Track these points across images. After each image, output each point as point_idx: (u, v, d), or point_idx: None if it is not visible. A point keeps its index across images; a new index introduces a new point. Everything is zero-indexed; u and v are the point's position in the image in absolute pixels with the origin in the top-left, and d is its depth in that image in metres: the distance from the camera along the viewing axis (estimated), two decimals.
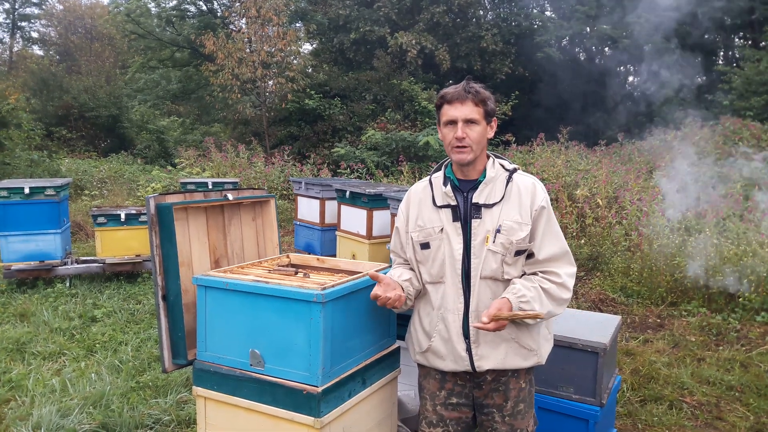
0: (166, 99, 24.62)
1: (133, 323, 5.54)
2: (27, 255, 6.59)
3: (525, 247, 2.16)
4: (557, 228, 2.22)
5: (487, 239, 2.15)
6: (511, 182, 2.22)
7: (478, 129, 2.16)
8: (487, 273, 2.16)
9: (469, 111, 2.14)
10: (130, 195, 12.56)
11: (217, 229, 2.85)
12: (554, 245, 2.18)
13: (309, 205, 7.71)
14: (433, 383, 2.33)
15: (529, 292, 2.10)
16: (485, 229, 2.16)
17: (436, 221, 2.23)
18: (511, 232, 2.14)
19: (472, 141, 2.15)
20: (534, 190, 2.21)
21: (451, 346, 2.21)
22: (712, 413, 3.97)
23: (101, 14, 31.16)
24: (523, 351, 2.21)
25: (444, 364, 2.24)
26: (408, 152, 14.22)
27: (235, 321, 2.33)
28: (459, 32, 19.32)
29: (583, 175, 10.10)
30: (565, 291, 2.17)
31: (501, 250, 2.14)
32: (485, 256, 2.15)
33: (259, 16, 15.92)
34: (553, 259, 2.18)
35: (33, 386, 4.09)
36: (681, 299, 6.15)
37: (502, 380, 2.26)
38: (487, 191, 2.20)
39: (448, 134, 2.18)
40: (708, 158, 9.60)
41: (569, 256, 2.22)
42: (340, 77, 19.43)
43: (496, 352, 2.19)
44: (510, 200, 2.18)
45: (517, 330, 2.20)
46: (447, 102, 2.18)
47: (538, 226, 2.17)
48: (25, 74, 24.74)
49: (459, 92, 2.16)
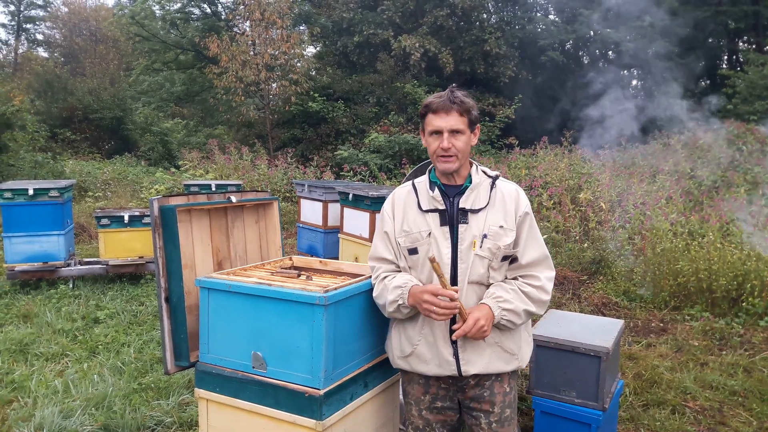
0: (169, 101, 24.71)
1: (135, 325, 5.55)
2: (30, 256, 6.61)
3: (511, 252, 2.21)
4: (538, 233, 2.28)
5: (474, 244, 2.17)
6: (494, 188, 2.26)
7: (463, 138, 2.19)
8: (474, 278, 2.19)
9: (455, 122, 2.17)
10: (133, 197, 12.59)
11: (220, 231, 2.85)
12: (536, 250, 2.23)
13: (312, 207, 7.72)
14: (417, 388, 2.34)
15: (506, 294, 2.16)
16: (472, 234, 2.18)
17: (423, 225, 2.23)
18: (498, 238, 2.18)
19: (458, 150, 2.18)
20: (517, 196, 2.26)
21: (437, 351, 2.22)
22: (715, 418, 3.95)
23: (106, 16, 31.30)
24: (505, 355, 2.24)
25: (428, 368, 2.25)
26: (411, 155, 14.24)
27: (238, 323, 2.33)
28: (462, 35, 19.34)
29: (587, 179, 10.09)
30: (544, 293, 2.22)
31: (488, 255, 2.17)
32: (473, 261, 2.17)
33: (263, 19, 15.97)
34: (534, 264, 2.23)
35: (36, 387, 4.10)
36: (684, 303, 6.13)
37: (486, 384, 2.27)
38: (473, 197, 2.23)
39: (433, 143, 2.21)
40: (711, 162, 9.59)
41: (549, 261, 2.28)
42: (343, 80, 19.47)
43: (481, 357, 2.21)
44: (495, 206, 2.22)
45: (501, 334, 2.23)
46: (432, 111, 2.20)
47: (522, 232, 2.22)
48: (30, 76, 24.85)
49: (444, 102, 2.18)
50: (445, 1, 18.84)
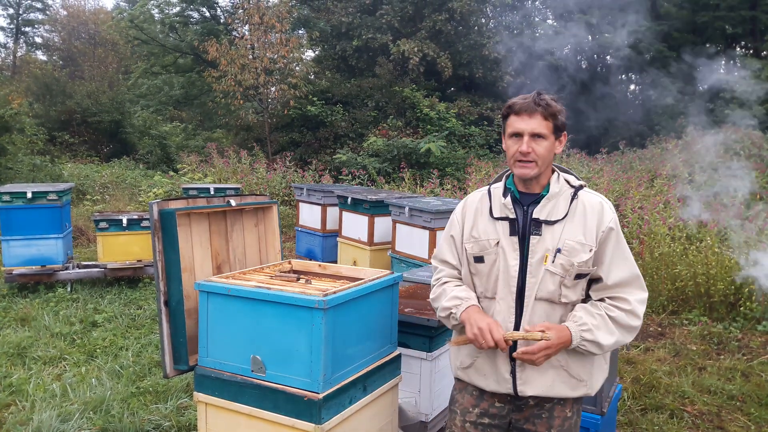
0: (168, 105, 24.71)
1: (133, 328, 5.54)
2: (29, 259, 6.60)
3: (586, 271, 2.02)
4: (627, 251, 2.07)
5: (546, 258, 2.01)
6: (576, 199, 2.08)
7: (545, 144, 2.02)
8: (543, 294, 2.02)
9: (537, 124, 2.00)
10: (131, 200, 12.58)
11: (220, 234, 2.86)
12: (624, 269, 2.03)
13: (311, 211, 7.73)
14: (469, 399, 2.19)
15: (592, 320, 1.98)
16: (545, 247, 2.02)
17: (491, 233, 2.09)
18: (573, 253, 2.00)
19: (538, 156, 2.01)
20: (602, 209, 2.06)
21: (495, 367, 2.08)
22: (713, 422, 3.96)
23: (105, 20, 31.31)
24: (572, 381, 2.07)
25: (486, 383, 2.12)
26: (410, 159, 14.25)
27: (237, 327, 2.33)
28: (461, 40, 19.40)
29: (585, 183, 10.11)
30: (635, 318, 2.01)
31: (560, 271, 2.00)
32: (543, 276, 2.01)
33: (262, 23, 16.00)
34: (622, 284, 2.03)
35: (33, 391, 4.09)
36: (682, 308, 6.15)
37: (546, 407, 2.11)
38: (549, 207, 2.06)
39: (512, 146, 2.04)
40: (709, 167, 9.61)
41: (640, 281, 2.06)
42: (342, 84, 19.50)
43: (542, 379, 2.05)
44: (574, 219, 2.05)
45: (568, 357, 2.05)
46: (514, 113, 2.04)
47: (606, 249, 2.03)
48: (29, 79, 24.82)
49: (528, 104, 2.02)
50: (444, 6, 18.90)
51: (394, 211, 6.09)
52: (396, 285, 2.65)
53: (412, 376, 2.98)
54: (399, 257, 6.02)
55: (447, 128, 16.34)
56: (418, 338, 2.88)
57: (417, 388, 3.03)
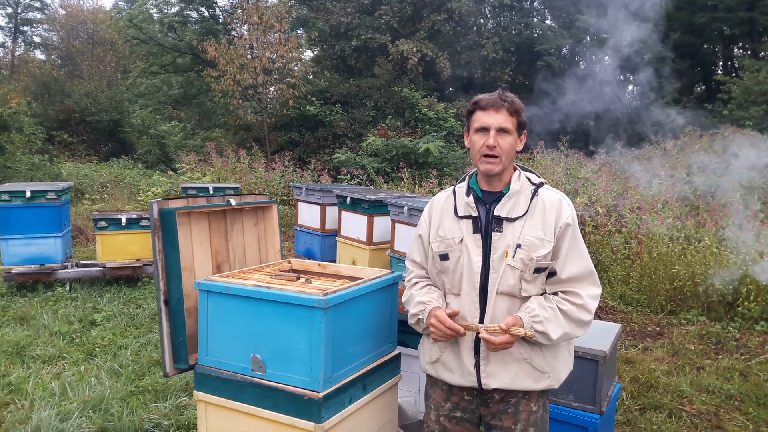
0: (167, 104, 24.70)
1: (132, 327, 5.54)
2: (27, 258, 6.60)
3: (545, 265, 2.09)
4: (582, 247, 2.13)
5: (507, 254, 2.08)
6: (536, 197, 2.14)
7: (509, 139, 2.10)
8: (505, 288, 2.09)
9: (504, 120, 2.09)
10: (130, 199, 12.57)
11: (220, 234, 2.86)
12: (578, 265, 2.10)
13: (309, 210, 7.72)
14: (440, 394, 2.27)
15: (543, 312, 2.04)
16: (505, 243, 2.09)
17: (456, 232, 2.16)
18: (532, 249, 2.06)
19: (503, 151, 2.09)
20: (560, 206, 2.12)
21: (461, 360, 2.15)
22: (712, 422, 3.97)
23: (103, 19, 31.30)
24: (535, 373, 2.12)
25: (451, 377, 2.18)
26: (408, 159, 14.26)
27: (237, 326, 2.34)
28: (460, 40, 19.43)
29: (583, 183, 10.13)
30: (586, 313, 2.07)
31: (520, 265, 2.07)
32: (503, 271, 2.08)
33: (261, 23, 16.00)
34: (575, 279, 2.09)
35: (32, 390, 4.09)
36: (680, 308, 6.16)
37: (512, 401, 2.16)
38: (510, 204, 2.13)
39: (478, 141, 2.11)
40: (707, 168, 9.63)
41: (594, 277, 2.13)
42: (341, 84, 19.51)
43: (505, 371, 2.10)
44: (534, 215, 2.11)
45: (530, 350, 2.11)
46: (480, 108, 2.12)
47: (562, 244, 2.09)
48: (27, 78, 24.80)
49: (494, 99, 2.10)
50: (443, 6, 18.92)
51: (393, 211, 6.09)
52: (396, 284, 2.66)
53: (411, 375, 2.99)
54: (398, 257, 6.03)
55: (445, 128, 16.36)
56: (418, 337, 2.88)
57: (416, 388, 3.04)
